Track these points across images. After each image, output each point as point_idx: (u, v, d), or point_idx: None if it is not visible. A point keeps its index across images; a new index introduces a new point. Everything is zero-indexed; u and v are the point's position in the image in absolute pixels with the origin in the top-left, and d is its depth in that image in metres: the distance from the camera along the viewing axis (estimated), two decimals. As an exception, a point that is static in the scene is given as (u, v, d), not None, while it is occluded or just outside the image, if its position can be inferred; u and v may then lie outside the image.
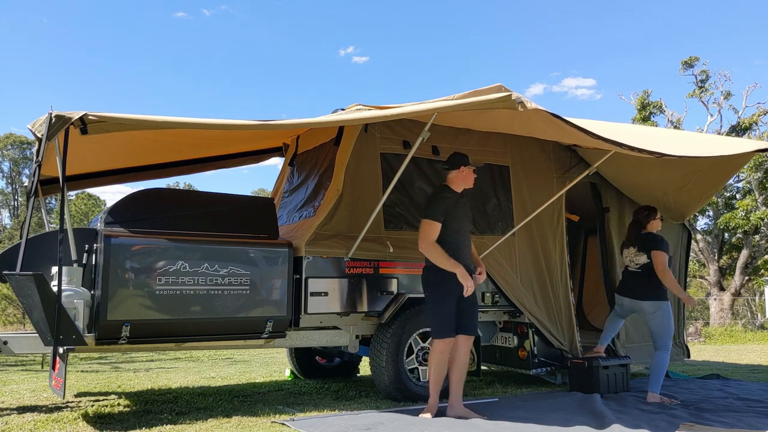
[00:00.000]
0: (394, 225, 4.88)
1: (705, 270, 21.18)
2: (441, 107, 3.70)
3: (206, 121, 3.67)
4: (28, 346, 4.03)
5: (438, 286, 4.06)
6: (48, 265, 3.92)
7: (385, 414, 4.09)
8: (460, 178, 4.18)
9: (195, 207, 4.36)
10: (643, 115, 20.22)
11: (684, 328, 6.60)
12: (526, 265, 5.42)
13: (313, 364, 6.00)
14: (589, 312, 7.50)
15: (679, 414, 4.27)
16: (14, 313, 18.47)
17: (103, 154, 5.19)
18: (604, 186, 6.07)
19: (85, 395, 5.00)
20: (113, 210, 4.06)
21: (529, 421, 3.92)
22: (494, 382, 5.75)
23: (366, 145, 4.83)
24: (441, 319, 4.03)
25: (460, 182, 4.18)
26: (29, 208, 3.43)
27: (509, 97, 3.32)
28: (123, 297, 3.84)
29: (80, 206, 32.49)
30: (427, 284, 4.14)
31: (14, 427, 3.70)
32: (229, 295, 4.17)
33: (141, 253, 3.92)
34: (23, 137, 46.72)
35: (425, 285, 4.17)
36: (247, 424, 3.74)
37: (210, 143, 5.62)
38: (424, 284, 4.17)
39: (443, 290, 4.05)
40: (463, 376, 4.13)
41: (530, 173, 5.58)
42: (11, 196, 49.72)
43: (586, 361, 5.19)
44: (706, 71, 20.21)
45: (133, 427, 3.65)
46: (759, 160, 17.29)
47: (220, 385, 5.67)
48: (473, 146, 5.28)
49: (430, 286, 4.11)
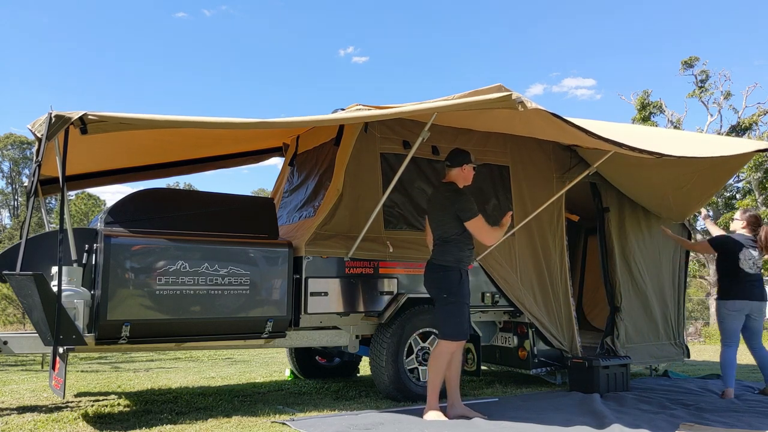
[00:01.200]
0: (394, 225, 4.88)
1: (705, 270, 21.18)
2: (441, 107, 3.69)
3: (206, 119, 3.67)
4: (28, 346, 4.03)
5: (458, 287, 4.00)
6: (48, 265, 3.92)
7: (385, 414, 4.09)
8: (461, 175, 4.17)
9: (195, 207, 4.36)
10: (643, 115, 20.22)
11: (684, 328, 6.60)
12: (526, 265, 5.42)
13: (313, 364, 6.00)
14: (589, 312, 7.50)
15: (679, 414, 4.27)
16: (14, 313, 18.46)
17: (103, 154, 5.19)
18: (604, 186, 6.07)
19: (85, 395, 5.00)
20: (113, 210, 4.05)
21: (529, 421, 3.92)
22: (494, 382, 5.75)
23: (366, 145, 4.83)
24: (460, 321, 3.98)
25: (461, 179, 4.17)
26: (29, 208, 3.43)
27: (509, 97, 3.32)
28: (123, 297, 3.84)
29: (80, 206, 32.49)
30: (447, 285, 4.00)
31: (14, 427, 3.70)
32: (229, 295, 4.16)
33: (141, 253, 3.92)
34: (23, 137, 46.74)
35: (443, 286, 4.02)
36: (247, 424, 3.74)
37: (210, 143, 5.61)
38: (442, 285, 4.02)
39: (463, 293, 4.02)
40: (459, 375, 4.15)
41: (530, 173, 5.57)
42: (11, 196, 49.73)
43: (585, 361, 5.19)
44: (706, 71, 20.21)
45: (133, 427, 3.65)
46: (759, 160, 17.29)
47: (220, 385, 5.67)
48: (473, 146, 5.28)
49: (449, 288, 4.00)
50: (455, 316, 3.97)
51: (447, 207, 4.06)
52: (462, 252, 4.06)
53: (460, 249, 4.05)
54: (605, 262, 6.06)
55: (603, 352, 5.77)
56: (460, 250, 4.05)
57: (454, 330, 3.97)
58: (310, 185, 5.21)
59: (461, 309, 4.00)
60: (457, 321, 3.98)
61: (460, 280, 4.01)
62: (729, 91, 19.96)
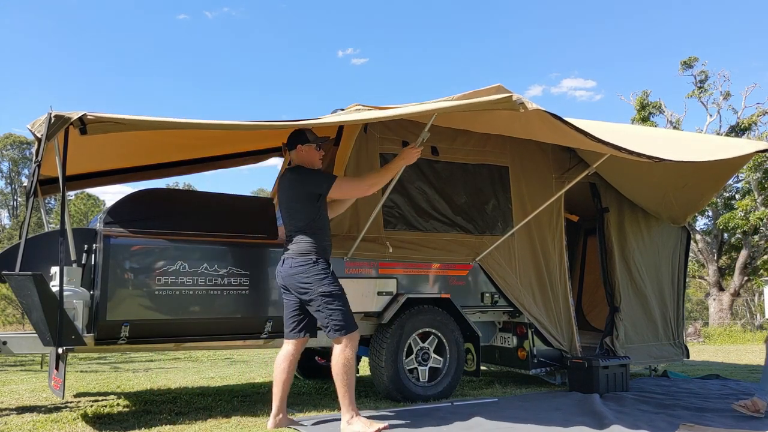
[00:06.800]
0: (393, 225, 4.88)
1: (704, 270, 21.20)
2: (441, 108, 3.69)
3: (205, 121, 3.67)
4: (28, 346, 4.03)
5: (334, 277, 3.63)
6: (47, 265, 3.91)
7: (385, 414, 4.08)
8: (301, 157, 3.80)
9: (194, 207, 4.36)
10: (642, 115, 20.24)
11: (683, 328, 6.61)
12: (525, 265, 5.42)
13: (313, 365, 6.00)
14: (589, 312, 7.50)
15: (679, 414, 4.27)
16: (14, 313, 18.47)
17: (103, 154, 5.18)
18: (604, 186, 6.08)
19: (85, 395, 5.00)
20: (113, 210, 4.05)
21: (528, 421, 3.92)
22: (494, 382, 5.75)
23: (366, 145, 4.83)
24: (349, 310, 3.60)
25: (305, 161, 3.80)
26: (28, 208, 3.43)
27: (510, 98, 3.32)
28: (122, 297, 3.84)
29: (80, 206, 32.49)
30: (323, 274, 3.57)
31: (13, 427, 3.69)
32: (228, 295, 4.16)
33: (140, 253, 3.92)
34: (23, 137, 46.72)
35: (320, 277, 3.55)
36: (246, 425, 3.73)
37: (210, 143, 5.61)
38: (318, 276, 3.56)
39: (336, 280, 3.63)
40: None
41: (529, 174, 5.58)
42: (10, 196, 49.70)
43: (585, 361, 5.19)
44: (706, 71, 20.25)
45: (133, 427, 3.65)
46: (758, 160, 17.31)
47: (219, 386, 5.67)
48: (472, 147, 5.29)
49: (328, 277, 3.58)
50: (346, 304, 3.61)
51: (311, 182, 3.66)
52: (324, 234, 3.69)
53: (323, 231, 3.68)
54: (604, 262, 6.06)
55: (602, 352, 5.77)
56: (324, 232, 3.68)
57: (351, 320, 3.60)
58: (310, 185, 5.21)
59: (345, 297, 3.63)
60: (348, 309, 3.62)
61: (330, 270, 3.64)
62: (728, 91, 20.01)
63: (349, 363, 3.51)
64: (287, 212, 3.73)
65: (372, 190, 3.81)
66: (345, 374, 3.50)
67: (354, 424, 3.46)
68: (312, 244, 3.61)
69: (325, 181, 3.65)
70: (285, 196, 3.74)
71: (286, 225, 3.76)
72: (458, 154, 5.22)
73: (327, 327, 3.56)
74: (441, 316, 4.87)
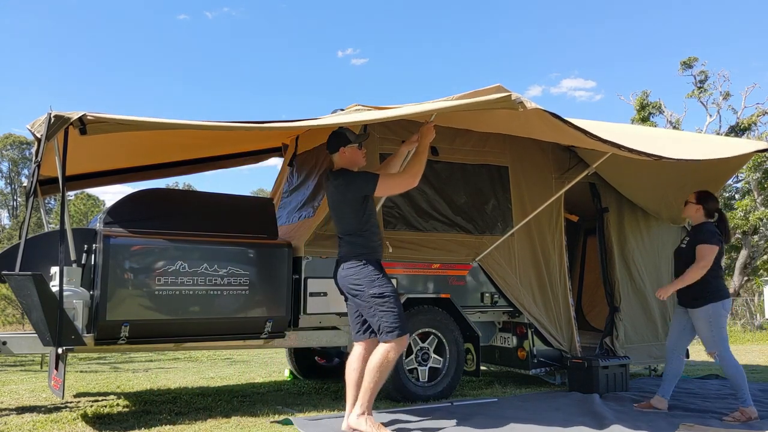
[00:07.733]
0: (393, 225, 4.88)
1: (704, 270, 21.13)
2: (441, 108, 3.69)
3: (204, 123, 3.67)
4: (27, 346, 4.02)
5: (385, 278, 3.60)
6: (47, 265, 3.91)
7: (384, 414, 4.08)
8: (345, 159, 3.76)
9: (194, 207, 4.36)
10: (642, 115, 20.24)
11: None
12: (525, 265, 5.42)
13: (313, 365, 6.00)
14: (588, 312, 7.49)
15: (679, 414, 4.27)
16: (13, 313, 18.46)
17: (103, 154, 5.19)
18: (604, 186, 6.07)
19: (84, 395, 5.00)
20: (112, 210, 4.05)
21: (528, 421, 3.92)
22: (493, 383, 5.75)
23: (365, 145, 4.82)
24: (401, 312, 3.55)
25: (349, 164, 3.77)
26: (28, 208, 3.43)
27: (509, 98, 3.32)
28: (122, 297, 3.84)
29: (80, 206, 32.49)
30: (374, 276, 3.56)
31: (13, 427, 3.69)
32: (228, 295, 4.16)
33: (140, 253, 3.92)
34: (23, 137, 46.72)
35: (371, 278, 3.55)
36: (246, 425, 3.73)
37: (210, 143, 5.61)
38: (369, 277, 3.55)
39: (389, 281, 3.60)
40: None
41: (529, 174, 5.57)
42: (10, 196, 49.70)
43: (585, 361, 5.19)
44: (705, 72, 20.25)
45: (132, 427, 3.65)
46: (758, 160, 17.30)
47: (219, 386, 5.67)
48: (472, 146, 5.29)
49: (379, 278, 3.56)
50: (398, 306, 3.56)
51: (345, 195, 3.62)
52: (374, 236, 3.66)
53: (373, 235, 3.65)
54: (604, 262, 6.06)
55: (602, 352, 5.77)
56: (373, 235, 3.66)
57: (401, 323, 3.54)
58: (310, 185, 5.21)
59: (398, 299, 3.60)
60: (400, 312, 3.56)
61: (382, 270, 3.63)
62: (728, 91, 20.01)
63: (387, 365, 3.47)
64: (336, 216, 3.73)
65: (416, 180, 3.77)
66: (378, 372, 3.47)
67: (363, 421, 3.46)
68: (361, 247, 3.61)
69: (370, 182, 3.63)
70: (332, 201, 3.74)
71: (337, 228, 3.76)
72: (458, 155, 5.22)
73: (379, 329, 3.52)
74: (441, 316, 4.87)
